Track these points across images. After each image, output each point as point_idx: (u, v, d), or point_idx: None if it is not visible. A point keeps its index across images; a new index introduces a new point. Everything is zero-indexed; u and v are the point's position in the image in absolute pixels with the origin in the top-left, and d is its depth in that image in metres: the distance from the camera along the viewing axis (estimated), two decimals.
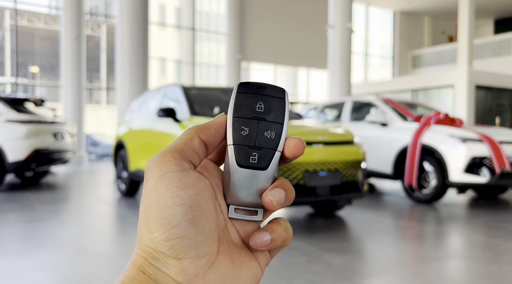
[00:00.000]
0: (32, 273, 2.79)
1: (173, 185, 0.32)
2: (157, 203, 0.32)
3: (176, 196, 0.32)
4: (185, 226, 0.31)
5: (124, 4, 9.19)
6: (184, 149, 0.34)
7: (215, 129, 0.36)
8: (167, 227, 0.31)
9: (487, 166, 5.27)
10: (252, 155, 0.35)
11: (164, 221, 0.31)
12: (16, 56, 15.47)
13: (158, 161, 0.33)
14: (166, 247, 0.31)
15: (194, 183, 0.33)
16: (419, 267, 3.00)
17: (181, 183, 0.32)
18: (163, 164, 0.32)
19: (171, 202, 0.31)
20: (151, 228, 0.32)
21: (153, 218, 0.31)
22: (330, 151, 4.07)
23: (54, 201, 5.61)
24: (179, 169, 0.32)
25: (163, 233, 0.31)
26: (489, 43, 18.43)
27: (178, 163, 0.33)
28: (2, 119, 6.40)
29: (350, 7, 12.06)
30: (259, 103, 0.36)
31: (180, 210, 0.31)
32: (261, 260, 0.37)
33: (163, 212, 0.31)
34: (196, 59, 18.09)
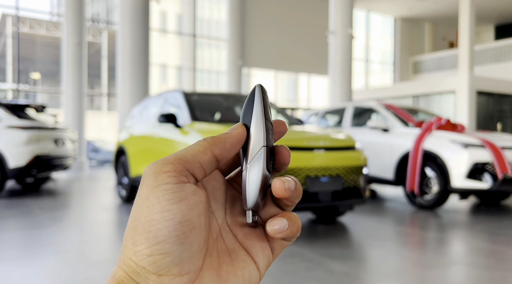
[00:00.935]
0: (32, 280, 2.77)
1: (165, 197, 0.30)
2: (146, 216, 0.30)
3: (166, 210, 0.30)
4: (171, 243, 0.30)
5: (125, 11, 9.23)
6: (191, 161, 0.32)
7: (231, 144, 0.34)
8: (152, 242, 0.30)
9: (489, 171, 5.24)
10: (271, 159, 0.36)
11: (149, 236, 0.30)
12: (18, 62, 15.53)
13: (157, 169, 0.31)
14: (148, 262, 0.30)
15: (188, 197, 0.31)
16: (421, 274, 2.98)
17: (174, 197, 0.30)
18: (160, 174, 0.31)
19: (160, 216, 0.30)
20: (136, 240, 0.30)
21: (140, 231, 0.30)
22: (331, 157, 4.06)
23: (54, 207, 5.60)
24: (175, 181, 0.31)
25: (147, 247, 0.30)
26: (489, 49, 18.46)
27: (177, 175, 0.31)
28: (3, 125, 6.40)
29: (351, 13, 12.10)
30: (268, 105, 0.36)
31: (168, 225, 0.30)
32: (261, 262, 0.36)
33: (150, 226, 0.30)
34: (197, 65, 18.14)
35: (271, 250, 0.37)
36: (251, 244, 0.36)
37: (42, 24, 19.96)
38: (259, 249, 0.36)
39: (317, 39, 18.18)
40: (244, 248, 0.36)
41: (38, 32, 20.11)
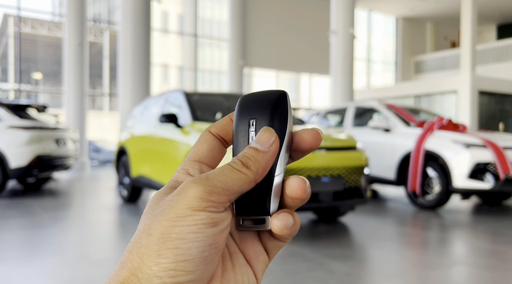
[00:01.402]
0: (33, 280, 2.77)
1: (203, 222, 0.30)
2: (178, 233, 0.30)
3: (201, 232, 0.30)
4: (196, 262, 0.30)
5: (127, 11, 9.23)
6: (236, 192, 0.32)
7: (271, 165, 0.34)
8: (179, 258, 0.29)
9: (491, 171, 5.23)
10: None
11: (177, 252, 0.29)
12: (20, 63, 15.56)
13: (203, 195, 0.30)
14: (169, 275, 0.29)
15: (223, 222, 0.31)
16: (423, 274, 2.97)
17: (212, 222, 0.30)
18: (205, 202, 0.30)
19: (193, 236, 0.30)
20: (162, 253, 0.30)
21: (168, 245, 0.30)
22: (332, 157, 4.05)
23: (56, 207, 5.60)
24: (217, 211, 0.31)
25: (173, 262, 0.29)
26: (492, 49, 18.42)
27: (219, 207, 0.31)
28: (4, 125, 6.41)
29: (353, 13, 12.08)
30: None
31: (198, 246, 0.30)
32: (257, 267, 0.35)
33: (180, 243, 0.29)
34: (198, 65, 18.15)
35: (266, 253, 0.36)
36: (246, 248, 0.35)
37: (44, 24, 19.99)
38: (253, 254, 0.35)
39: (318, 39, 18.16)
40: (242, 252, 0.35)
41: (39, 32, 20.14)
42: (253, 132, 0.34)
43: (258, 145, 0.33)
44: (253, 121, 0.34)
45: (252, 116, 0.35)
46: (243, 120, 0.35)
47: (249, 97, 0.36)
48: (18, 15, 14.79)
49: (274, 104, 0.35)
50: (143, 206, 5.85)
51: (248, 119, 0.35)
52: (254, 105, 0.35)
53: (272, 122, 0.34)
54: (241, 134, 0.35)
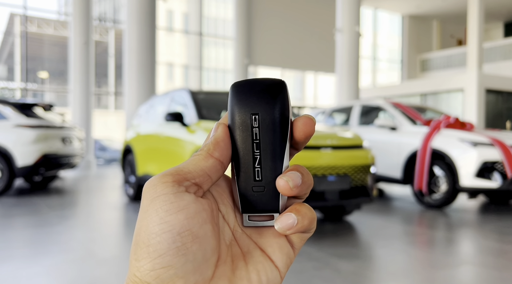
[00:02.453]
0: (39, 278, 2.78)
1: (163, 209, 0.29)
2: (145, 229, 0.29)
3: (164, 222, 0.29)
4: (171, 255, 0.29)
5: (132, 10, 9.24)
6: (193, 170, 0.31)
7: (223, 142, 0.33)
8: (153, 256, 0.29)
9: (499, 170, 5.19)
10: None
11: (150, 249, 0.29)
12: (26, 62, 15.64)
13: (156, 181, 0.30)
14: (152, 276, 0.29)
15: (187, 206, 0.30)
16: (430, 274, 2.94)
17: (172, 207, 0.29)
18: (159, 185, 0.30)
19: (158, 228, 0.29)
20: (138, 255, 0.29)
21: (141, 245, 0.29)
22: (338, 155, 4.03)
23: (62, 205, 5.62)
24: (174, 191, 0.30)
25: (149, 262, 0.29)
26: (499, 46, 18.27)
27: (175, 184, 0.30)
28: (11, 124, 6.44)
29: (358, 11, 12.03)
30: None
31: (166, 237, 0.29)
32: (279, 261, 0.34)
33: (149, 239, 0.29)
34: (204, 64, 18.15)
35: (290, 246, 0.35)
36: (266, 242, 0.35)
37: (50, 23, 20.07)
38: (276, 247, 0.34)
39: (324, 37, 18.11)
40: (260, 248, 0.34)
41: (46, 32, 20.23)
42: (256, 129, 0.33)
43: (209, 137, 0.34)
44: (256, 117, 0.33)
45: (253, 111, 0.33)
46: (243, 114, 0.33)
47: (246, 86, 0.34)
48: (25, 14, 14.86)
49: (276, 97, 0.33)
50: None
51: (249, 114, 0.33)
52: (254, 97, 0.33)
53: (276, 118, 0.33)
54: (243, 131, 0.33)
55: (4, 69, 21.06)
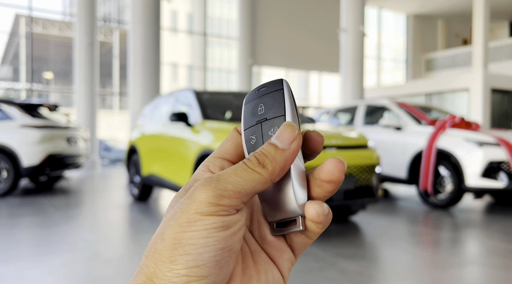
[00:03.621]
0: (45, 278, 2.79)
1: (213, 226, 0.29)
2: (188, 239, 0.29)
3: (211, 236, 0.29)
4: (209, 267, 0.29)
5: (137, 10, 9.27)
6: (249, 193, 0.30)
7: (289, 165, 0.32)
8: (191, 264, 0.28)
9: (505, 170, 5.15)
10: None
11: (189, 258, 0.28)
12: (31, 62, 15.72)
13: (213, 199, 0.29)
14: (182, 280, 0.29)
15: (235, 224, 0.30)
16: (436, 274, 2.93)
17: (223, 225, 0.29)
18: (215, 206, 0.29)
19: (203, 241, 0.28)
20: (174, 259, 0.29)
21: (179, 251, 0.29)
22: (343, 155, 4.02)
23: (67, 205, 5.64)
24: (228, 214, 0.29)
25: (185, 268, 0.28)
26: (504, 46, 18.16)
27: (230, 210, 0.29)
28: (17, 124, 6.48)
29: (363, 10, 12.00)
30: (260, 106, 0.34)
31: (209, 250, 0.28)
32: (282, 265, 0.34)
33: (191, 249, 0.28)
34: (208, 64, 18.17)
35: (292, 251, 0.35)
36: (268, 247, 0.34)
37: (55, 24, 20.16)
38: (277, 252, 0.34)
39: (328, 37, 18.07)
40: (264, 250, 0.34)
41: (51, 32, 20.32)
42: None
43: (278, 141, 0.31)
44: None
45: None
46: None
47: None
48: (30, 15, 14.94)
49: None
50: (154, 204, 5.87)
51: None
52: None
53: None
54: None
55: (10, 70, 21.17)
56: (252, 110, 0.34)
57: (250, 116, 0.34)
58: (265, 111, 0.33)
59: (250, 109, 0.34)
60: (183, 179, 4.63)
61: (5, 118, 6.54)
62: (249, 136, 0.33)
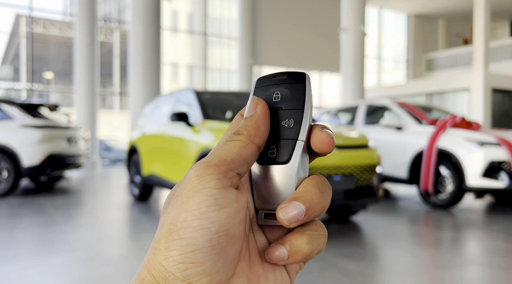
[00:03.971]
0: (45, 277, 2.78)
1: (206, 204, 0.28)
2: (182, 221, 0.28)
3: (205, 218, 0.28)
4: (205, 252, 0.28)
5: (137, 10, 9.26)
6: (235, 159, 0.30)
7: (265, 126, 0.32)
8: (186, 249, 0.28)
9: (506, 170, 5.14)
10: (271, 149, 0.32)
11: (183, 243, 0.28)
12: (32, 62, 15.72)
13: (200, 171, 0.29)
14: (179, 268, 0.28)
15: (230, 204, 0.29)
16: (437, 274, 2.92)
17: (215, 203, 0.28)
18: (203, 176, 0.28)
19: (197, 223, 0.28)
20: (169, 245, 0.28)
21: (174, 236, 0.28)
22: (344, 155, 4.01)
23: (68, 205, 5.64)
24: (219, 186, 0.28)
25: (180, 254, 0.28)
26: (505, 45, 18.14)
27: (221, 177, 0.29)
28: (17, 124, 6.47)
29: (363, 10, 11.99)
30: (276, 93, 0.33)
31: (204, 234, 0.28)
32: (291, 266, 0.33)
33: (185, 233, 0.28)
34: (208, 64, 18.17)
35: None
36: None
37: (56, 24, 20.16)
38: None
39: (329, 37, 18.07)
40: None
41: (51, 32, 20.33)
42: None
43: (245, 113, 0.32)
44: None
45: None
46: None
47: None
48: (30, 15, 14.94)
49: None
50: (154, 204, 5.87)
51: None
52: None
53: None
54: None
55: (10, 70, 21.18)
56: (265, 96, 0.33)
57: None
58: (281, 100, 0.33)
59: (263, 94, 0.33)
60: None
61: (5, 118, 6.54)
62: None
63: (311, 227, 0.32)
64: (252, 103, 0.32)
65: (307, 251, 0.31)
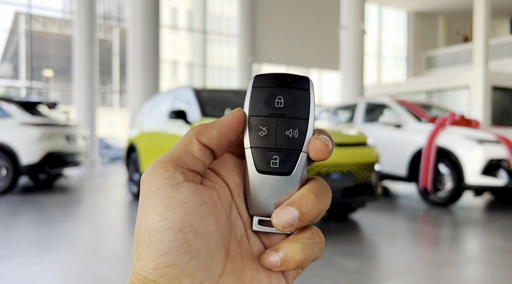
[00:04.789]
0: (44, 275, 2.78)
1: (161, 204, 0.28)
2: (145, 227, 0.28)
3: (163, 218, 0.27)
4: (174, 253, 0.27)
5: (136, 8, 9.24)
6: (182, 156, 0.29)
7: (219, 130, 0.31)
8: (155, 254, 0.27)
9: (505, 168, 5.14)
10: (273, 158, 0.31)
11: (151, 248, 0.27)
12: (31, 60, 15.69)
13: (150, 174, 0.29)
14: (156, 275, 0.27)
15: (186, 200, 0.28)
16: (435, 272, 2.92)
17: (170, 202, 0.28)
18: (153, 178, 0.28)
19: (158, 226, 0.27)
20: (140, 254, 0.28)
21: (141, 244, 0.28)
22: (343, 153, 4.01)
23: (66, 203, 5.64)
24: (170, 184, 0.28)
25: (152, 261, 0.27)
26: (505, 43, 18.12)
27: (170, 175, 0.28)
28: (16, 122, 6.46)
29: (363, 7, 11.96)
30: (278, 98, 0.31)
31: (168, 234, 0.27)
32: (287, 272, 0.33)
33: (150, 238, 0.27)
34: (208, 61, 18.15)
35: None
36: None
37: (55, 22, 20.13)
38: None
39: (328, 35, 18.04)
40: None
41: (50, 30, 20.30)
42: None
43: None
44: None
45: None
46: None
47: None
48: (29, 13, 14.91)
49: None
50: None
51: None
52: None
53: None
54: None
55: (10, 68, 21.16)
56: (266, 99, 0.32)
57: (262, 103, 0.31)
58: (284, 106, 0.31)
59: (263, 96, 0.32)
60: None
61: (4, 116, 6.53)
62: (257, 126, 0.31)
63: (306, 235, 0.31)
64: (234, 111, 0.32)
65: (300, 259, 0.31)
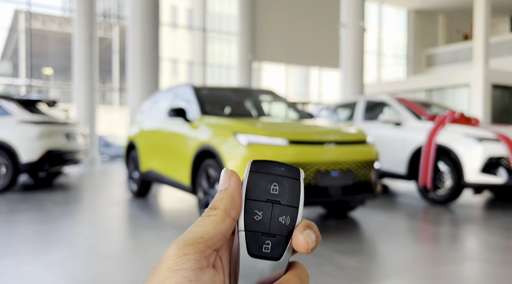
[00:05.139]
0: (43, 273, 2.78)
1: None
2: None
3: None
4: None
5: (136, 6, 9.23)
6: (213, 236, 0.30)
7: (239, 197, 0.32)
8: None
9: (504, 166, 5.14)
10: (266, 243, 0.32)
11: None
12: (30, 58, 15.68)
13: (177, 251, 0.29)
14: None
15: None
16: (435, 270, 2.92)
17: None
18: (181, 257, 0.29)
19: None
20: None
21: None
22: (342, 151, 4.00)
23: (66, 201, 5.64)
24: (195, 267, 0.29)
25: None
26: (505, 41, 18.09)
27: (198, 258, 0.29)
28: (15, 120, 6.46)
29: (363, 5, 11.94)
30: (274, 184, 0.33)
31: None
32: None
33: None
34: (207, 59, 18.13)
35: None
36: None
37: (54, 19, 20.10)
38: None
39: (328, 33, 18.02)
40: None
41: (50, 28, 20.27)
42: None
43: (219, 187, 0.33)
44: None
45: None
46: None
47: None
48: (29, 11, 14.89)
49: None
50: (153, 200, 5.87)
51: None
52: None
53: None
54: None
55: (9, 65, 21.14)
56: (263, 184, 0.33)
57: (259, 188, 0.33)
58: (279, 193, 0.33)
59: (260, 182, 0.33)
60: (181, 175, 4.62)
61: (3, 114, 6.53)
62: (253, 210, 0.33)
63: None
64: (226, 175, 0.33)
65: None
